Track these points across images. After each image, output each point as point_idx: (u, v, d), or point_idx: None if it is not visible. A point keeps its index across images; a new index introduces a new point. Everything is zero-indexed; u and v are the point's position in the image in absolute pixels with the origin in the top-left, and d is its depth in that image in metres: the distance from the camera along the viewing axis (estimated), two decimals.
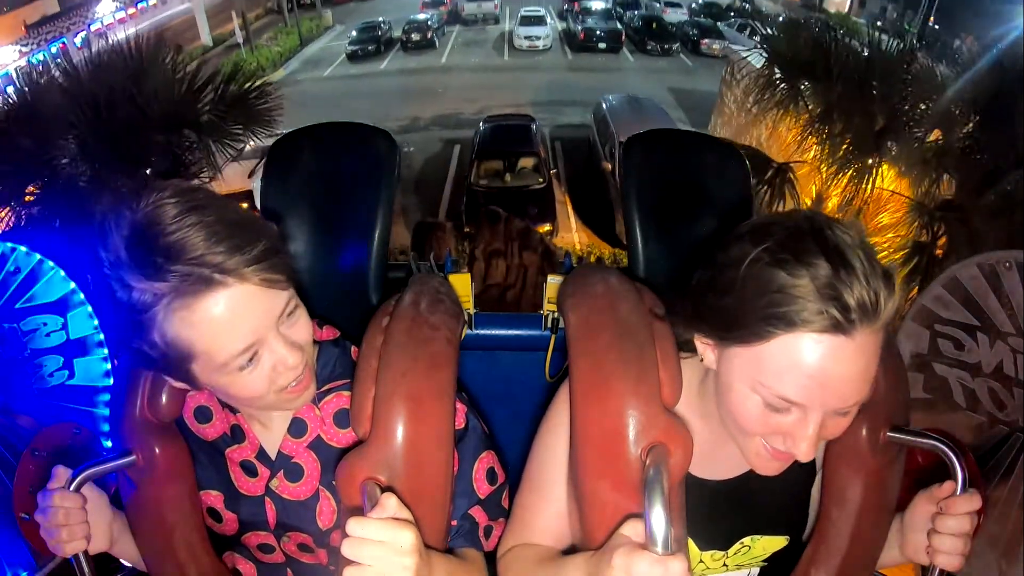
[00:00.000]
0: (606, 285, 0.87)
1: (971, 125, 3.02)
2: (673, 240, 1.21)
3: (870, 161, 3.27)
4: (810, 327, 0.65)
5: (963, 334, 1.43)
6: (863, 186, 3.33)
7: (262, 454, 0.90)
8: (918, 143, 3.21)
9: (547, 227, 7.26)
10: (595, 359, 0.79)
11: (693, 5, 22.83)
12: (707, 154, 1.31)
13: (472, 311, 1.28)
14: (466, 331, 1.23)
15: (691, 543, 0.88)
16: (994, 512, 1.31)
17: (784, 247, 0.66)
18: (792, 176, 3.54)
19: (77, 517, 0.86)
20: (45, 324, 1.44)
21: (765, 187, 3.58)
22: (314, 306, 0.97)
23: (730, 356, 0.72)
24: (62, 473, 0.88)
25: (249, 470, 0.91)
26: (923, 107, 3.15)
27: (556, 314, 1.26)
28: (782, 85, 3.52)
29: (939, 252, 3.12)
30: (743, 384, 0.71)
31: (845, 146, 3.32)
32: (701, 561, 0.90)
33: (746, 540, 0.89)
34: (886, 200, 3.45)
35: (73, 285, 1.47)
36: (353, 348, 0.93)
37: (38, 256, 1.45)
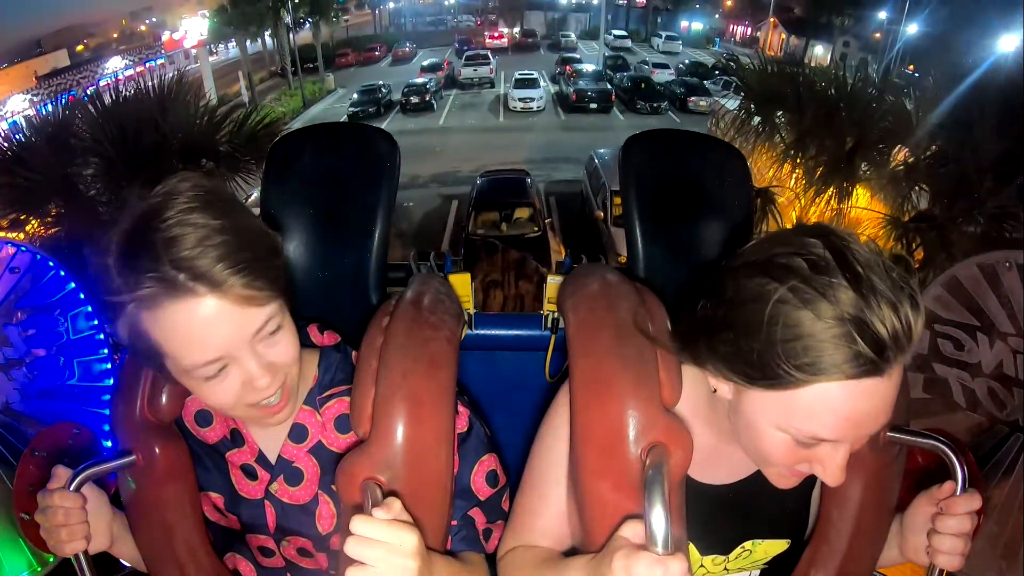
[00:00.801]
0: (606, 285, 0.87)
1: (936, 141, 3.16)
2: (673, 240, 1.21)
3: (844, 183, 3.41)
4: (845, 373, 0.63)
5: (963, 334, 1.43)
6: (841, 206, 3.47)
7: (262, 458, 0.90)
8: (887, 161, 3.35)
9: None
10: (595, 359, 0.79)
11: (680, 66, 24.11)
12: (707, 154, 1.31)
13: (472, 311, 1.28)
14: (466, 331, 1.23)
15: (692, 548, 0.87)
16: (994, 512, 1.31)
17: (809, 283, 0.63)
18: (772, 199, 3.67)
19: (77, 517, 0.86)
20: (45, 324, 1.44)
21: None
22: (314, 306, 0.97)
23: (752, 397, 0.70)
24: (62, 473, 0.88)
25: (249, 473, 0.91)
26: (889, 126, 3.30)
27: (556, 314, 1.26)
28: (757, 119, 3.70)
29: (917, 263, 3.21)
30: (769, 424, 0.70)
31: (820, 169, 3.47)
32: (702, 566, 0.89)
33: (747, 544, 0.89)
34: (862, 219, 3.58)
35: (73, 285, 1.47)
36: (354, 353, 0.93)
37: (38, 256, 1.45)
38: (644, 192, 1.22)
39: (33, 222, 3.01)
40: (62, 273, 1.46)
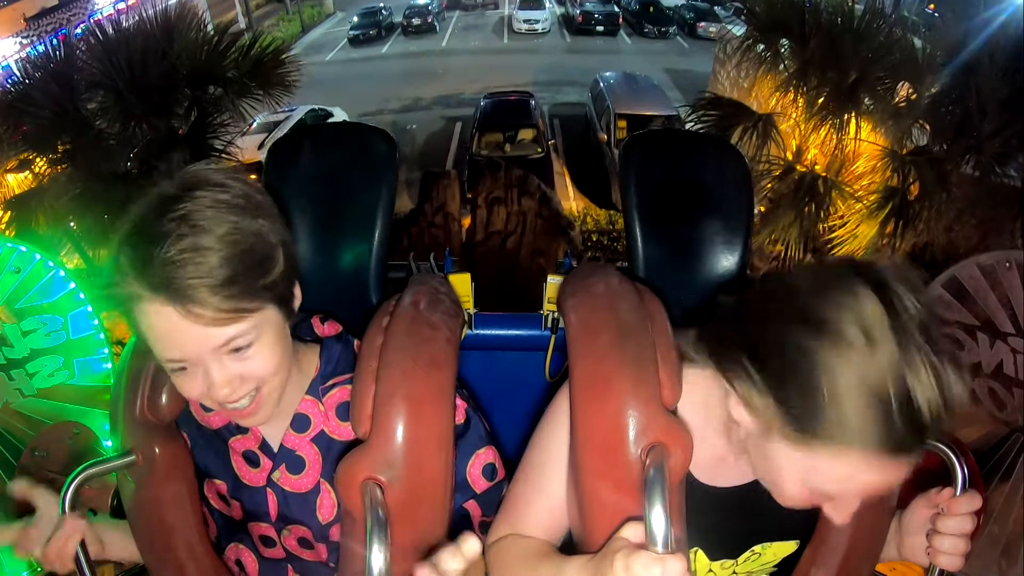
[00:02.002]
0: (606, 285, 0.87)
1: (941, 80, 3.17)
2: (673, 240, 1.21)
3: (845, 115, 3.41)
4: (880, 449, 0.62)
5: (963, 334, 1.43)
6: (841, 137, 3.47)
7: (264, 445, 0.90)
8: (890, 96, 3.36)
9: None
10: (595, 359, 0.79)
11: None
12: (707, 154, 1.31)
13: (472, 311, 1.28)
14: (466, 331, 1.23)
15: (701, 553, 0.87)
16: (994, 512, 1.31)
17: (859, 350, 0.60)
18: (775, 126, 3.66)
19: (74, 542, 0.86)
20: (45, 324, 1.44)
21: (749, 134, 3.69)
22: (314, 306, 0.97)
23: (776, 445, 0.69)
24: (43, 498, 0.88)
25: (251, 460, 0.91)
26: (894, 61, 3.29)
27: (556, 314, 1.26)
28: (762, 46, 3.67)
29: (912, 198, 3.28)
30: (793, 473, 0.70)
31: (821, 100, 3.45)
32: (711, 571, 0.89)
33: (757, 548, 0.89)
34: (860, 149, 3.61)
35: (73, 285, 1.47)
36: (356, 342, 0.93)
37: (39, 256, 1.45)
38: (644, 192, 1.22)
39: (40, 162, 3.05)
40: (62, 273, 1.46)
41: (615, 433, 0.75)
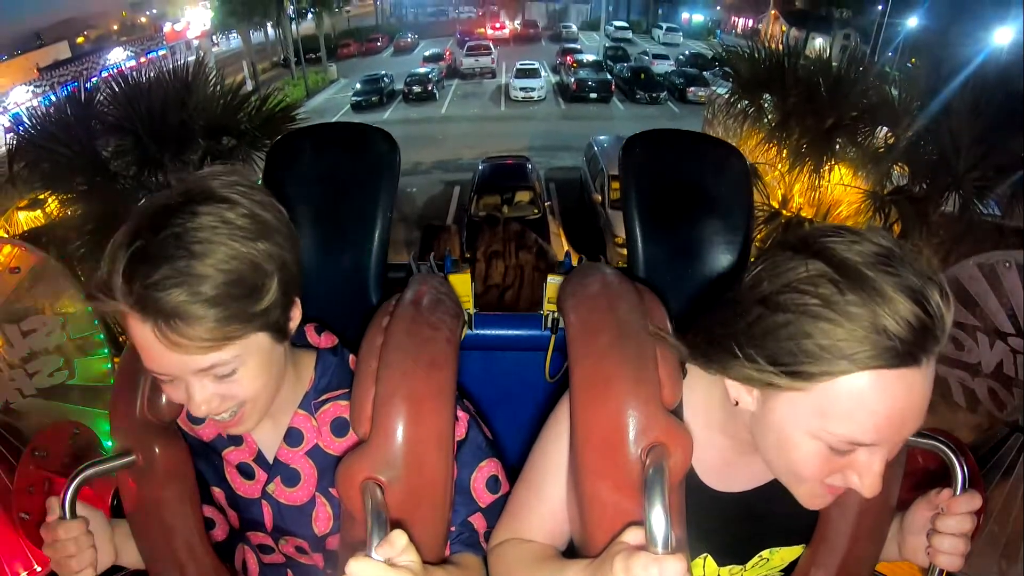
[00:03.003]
0: (606, 285, 0.87)
1: (916, 122, 3.30)
2: (673, 240, 1.21)
3: (823, 158, 3.61)
4: (879, 362, 0.61)
5: (963, 334, 1.43)
6: (820, 181, 3.66)
7: (260, 458, 0.90)
8: (867, 140, 3.55)
9: None
10: (595, 359, 0.79)
11: (680, 57, 24.16)
12: (707, 154, 1.31)
13: (472, 311, 1.28)
14: (466, 331, 1.23)
15: (710, 559, 0.87)
16: (994, 512, 1.31)
17: (838, 280, 0.62)
18: (758, 175, 3.83)
19: (86, 543, 0.86)
20: (45, 324, 1.44)
21: None
22: (314, 306, 0.97)
23: (781, 403, 0.68)
24: (55, 504, 0.86)
25: (246, 473, 0.90)
26: (867, 105, 3.50)
27: (556, 314, 1.26)
28: (746, 102, 3.90)
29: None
30: (801, 432, 0.67)
31: (804, 147, 3.65)
32: None
33: (764, 553, 0.89)
34: (842, 196, 3.77)
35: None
36: (351, 357, 0.92)
37: (38, 256, 1.45)
38: (644, 192, 1.22)
39: (52, 201, 3.16)
40: (62, 273, 1.46)
41: (615, 433, 0.75)
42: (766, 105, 3.81)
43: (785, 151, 3.72)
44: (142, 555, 0.93)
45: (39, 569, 1.23)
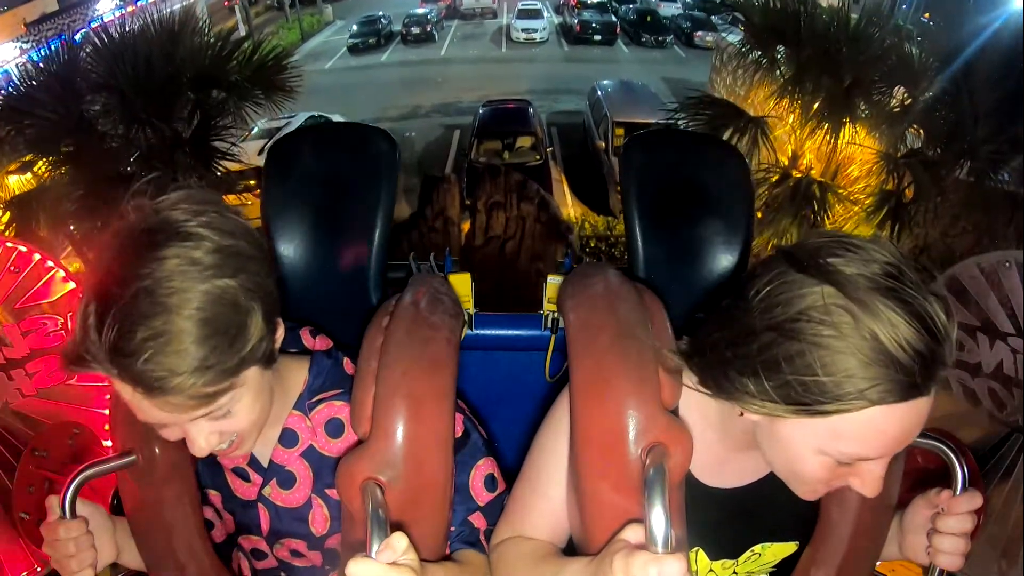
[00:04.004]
0: (606, 285, 0.87)
1: (935, 86, 3.21)
2: (673, 240, 1.21)
3: (841, 119, 3.45)
4: (893, 398, 0.62)
5: (963, 334, 1.43)
6: (837, 142, 3.50)
7: (254, 462, 0.90)
8: (884, 102, 3.41)
9: None
10: (595, 359, 0.79)
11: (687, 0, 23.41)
12: (707, 154, 1.31)
13: (472, 311, 1.28)
14: (466, 331, 1.23)
15: (702, 553, 0.87)
16: (994, 512, 1.31)
17: (845, 310, 0.61)
18: (766, 130, 3.67)
19: (85, 543, 0.85)
20: (45, 324, 1.44)
21: (738, 136, 3.69)
22: (314, 306, 0.97)
23: (792, 423, 0.68)
24: (55, 504, 0.86)
25: (242, 476, 0.90)
26: (888, 67, 3.35)
27: (556, 314, 1.26)
28: (758, 52, 3.71)
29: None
30: (809, 449, 0.68)
31: (817, 105, 3.49)
32: (711, 571, 0.89)
33: (757, 548, 0.89)
34: (855, 154, 3.66)
35: (73, 285, 1.47)
36: (345, 360, 0.92)
37: (38, 256, 1.45)
38: (644, 192, 1.22)
39: (41, 164, 3.04)
40: (62, 273, 1.46)
41: (615, 433, 0.75)
42: (779, 57, 3.64)
43: (798, 107, 3.57)
44: (142, 555, 0.93)
45: (39, 569, 1.24)
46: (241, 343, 0.69)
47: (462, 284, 1.24)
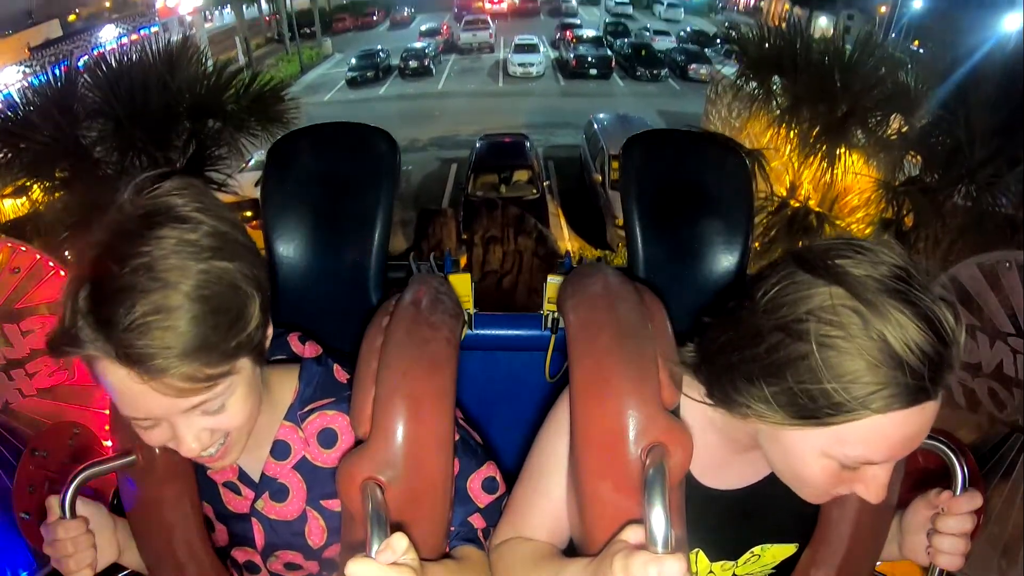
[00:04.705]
0: (606, 285, 0.87)
1: (930, 112, 3.22)
2: (673, 240, 1.21)
3: (836, 148, 3.46)
4: (900, 404, 0.62)
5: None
6: (834, 171, 3.51)
7: (243, 476, 0.88)
8: (881, 129, 3.41)
9: None
10: (595, 359, 0.79)
11: (681, 33, 23.79)
12: (707, 154, 1.31)
13: (472, 311, 1.28)
14: (466, 331, 1.23)
15: (701, 554, 0.87)
16: (994, 512, 1.31)
17: (850, 317, 0.61)
18: (763, 162, 3.69)
19: (85, 543, 0.85)
20: (45, 324, 1.44)
21: None
22: (314, 306, 0.97)
23: (796, 428, 0.68)
24: (55, 504, 0.86)
25: (233, 489, 0.89)
26: (883, 94, 3.35)
27: (556, 314, 1.26)
28: (754, 84, 3.72)
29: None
30: (814, 452, 0.68)
31: (814, 133, 3.50)
32: (711, 572, 0.89)
33: (756, 549, 0.89)
34: (853, 183, 3.64)
35: None
36: (336, 366, 0.90)
37: (38, 256, 1.45)
38: (644, 192, 1.22)
39: (36, 189, 3.02)
40: (62, 273, 1.46)
41: (615, 433, 0.75)
42: (775, 87, 3.65)
43: (794, 137, 3.58)
44: (142, 555, 0.93)
45: (39, 569, 1.24)
46: (240, 326, 0.68)
47: (462, 284, 1.24)
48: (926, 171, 3.30)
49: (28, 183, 3.01)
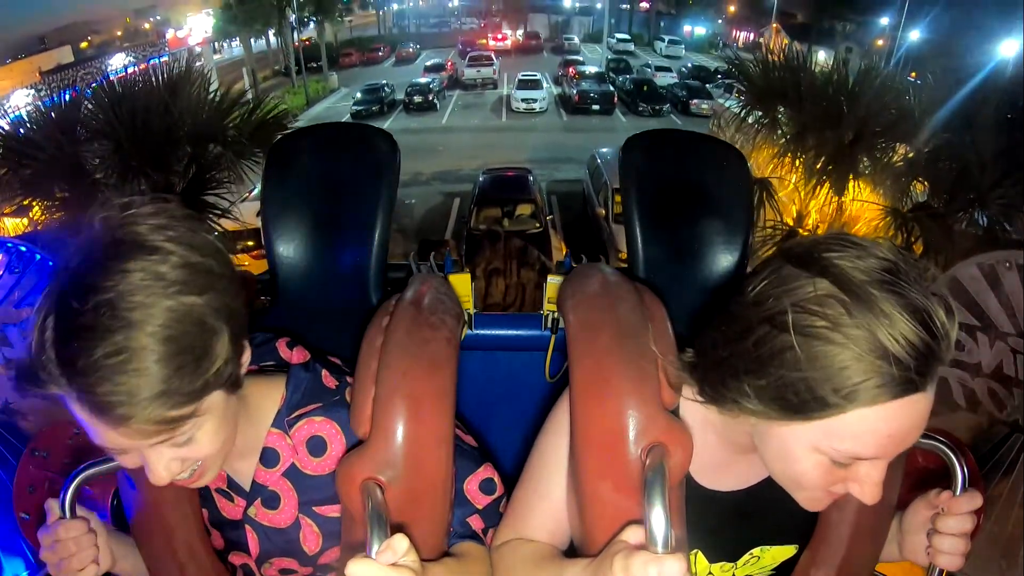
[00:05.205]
0: (606, 285, 0.87)
1: (936, 137, 3.20)
2: (673, 240, 1.21)
3: (844, 175, 3.46)
4: (888, 395, 0.61)
5: (963, 334, 1.43)
6: (840, 198, 3.51)
7: (232, 484, 0.88)
8: (887, 155, 3.40)
9: None
10: (595, 359, 0.79)
11: (683, 69, 24.30)
12: (707, 154, 1.31)
13: (472, 311, 1.28)
14: (466, 331, 1.23)
15: (700, 555, 0.87)
16: (994, 512, 1.31)
17: (837, 309, 0.61)
18: (771, 190, 3.71)
19: (86, 543, 0.85)
20: None
21: None
22: (314, 306, 0.97)
23: (787, 424, 0.68)
24: (55, 506, 0.86)
25: (226, 496, 0.89)
26: (889, 120, 3.35)
27: (556, 314, 1.26)
28: (759, 113, 3.75)
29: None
30: (804, 447, 0.68)
31: (821, 161, 3.50)
32: (710, 573, 0.89)
33: (755, 551, 0.89)
34: (861, 213, 3.64)
35: None
36: (324, 372, 0.89)
37: (39, 256, 1.45)
38: (644, 192, 1.23)
39: (37, 208, 3.03)
40: None
41: (615, 433, 0.75)
42: (780, 117, 3.66)
43: (800, 165, 3.57)
44: (142, 555, 0.93)
45: (39, 570, 1.24)
46: (206, 364, 0.66)
47: (462, 284, 1.24)
48: (933, 196, 3.29)
49: (28, 201, 3.03)
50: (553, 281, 1.24)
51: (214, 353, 0.66)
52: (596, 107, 19.04)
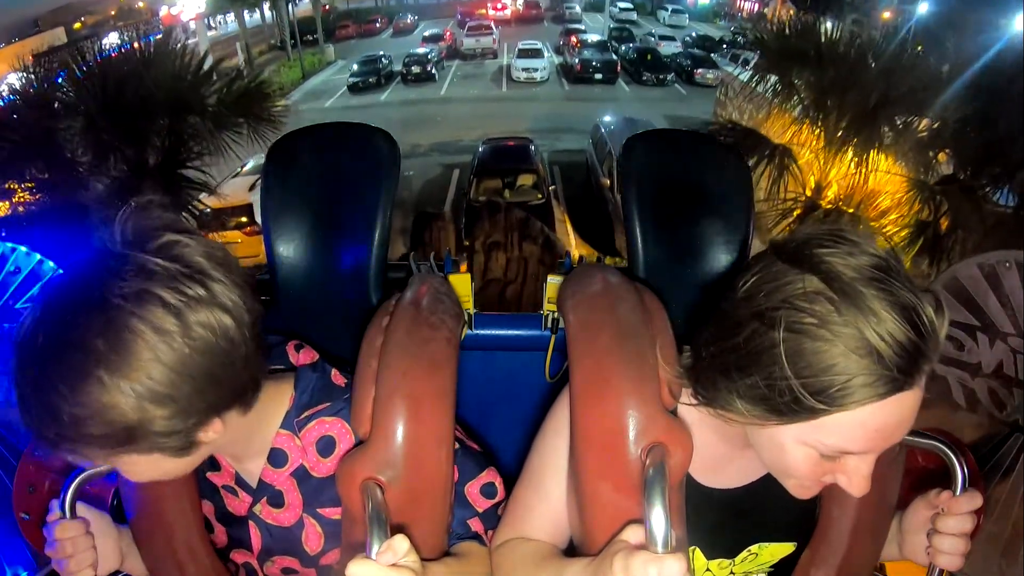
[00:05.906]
0: (606, 285, 0.87)
1: (964, 104, 3.08)
2: (673, 240, 1.21)
3: (869, 139, 3.33)
4: (875, 395, 0.61)
5: (963, 334, 1.43)
6: (864, 168, 3.37)
7: (240, 480, 0.88)
8: (912, 125, 3.29)
9: None
10: (595, 359, 0.79)
11: (687, 39, 23.58)
12: (707, 154, 1.31)
13: (472, 311, 1.28)
14: (466, 331, 1.23)
15: (698, 552, 0.87)
16: (994, 512, 1.31)
17: (825, 308, 0.61)
18: (792, 156, 3.56)
19: (84, 544, 0.85)
20: None
21: (764, 164, 3.56)
22: (314, 306, 0.97)
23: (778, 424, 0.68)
24: (55, 505, 0.86)
25: (232, 492, 0.90)
26: (916, 83, 3.23)
27: (556, 314, 1.26)
28: (774, 78, 3.62)
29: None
30: (793, 440, 0.68)
31: (844, 126, 3.36)
32: (708, 570, 0.89)
33: (753, 548, 0.89)
34: (884, 183, 3.51)
35: None
36: (333, 371, 0.90)
37: (38, 256, 1.45)
38: (644, 192, 1.22)
39: (18, 190, 2.92)
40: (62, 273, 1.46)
41: (615, 433, 0.75)
42: (797, 82, 3.51)
43: (820, 132, 3.43)
44: (142, 555, 0.93)
45: (39, 569, 1.24)
46: (214, 385, 0.67)
47: (462, 284, 1.24)
48: (959, 169, 3.16)
49: (11, 186, 2.91)
50: (553, 281, 1.24)
51: (222, 365, 0.67)
52: (599, 76, 18.42)
